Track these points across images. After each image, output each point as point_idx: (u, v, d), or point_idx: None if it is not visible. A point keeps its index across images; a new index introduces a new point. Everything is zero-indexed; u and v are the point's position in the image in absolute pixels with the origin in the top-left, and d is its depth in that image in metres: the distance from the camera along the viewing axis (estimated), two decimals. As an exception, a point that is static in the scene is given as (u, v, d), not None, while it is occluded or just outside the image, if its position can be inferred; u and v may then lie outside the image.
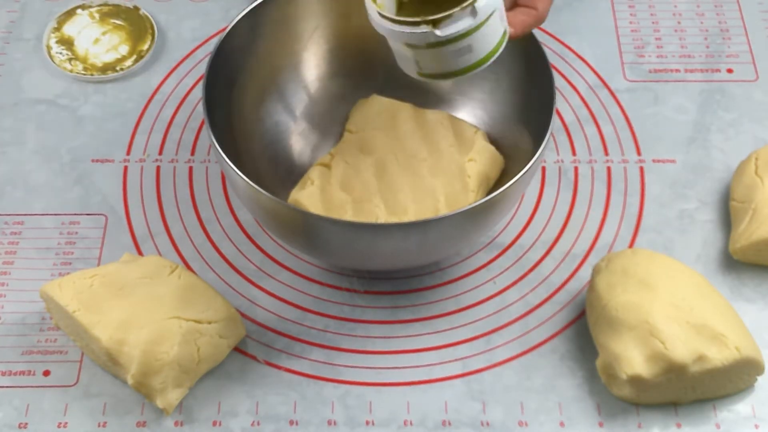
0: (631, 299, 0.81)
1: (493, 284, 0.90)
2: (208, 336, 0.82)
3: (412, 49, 0.76)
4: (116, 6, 1.08)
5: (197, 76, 1.04)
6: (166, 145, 0.99)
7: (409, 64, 0.79)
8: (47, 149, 0.99)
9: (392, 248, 0.81)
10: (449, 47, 0.75)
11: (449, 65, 0.77)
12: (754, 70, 1.04)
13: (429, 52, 0.76)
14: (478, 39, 0.75)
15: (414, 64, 0.78)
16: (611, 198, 0.95)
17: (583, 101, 1.02)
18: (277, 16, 0.92)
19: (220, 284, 0.90)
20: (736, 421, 0.82)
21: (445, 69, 0.78)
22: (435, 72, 0.79)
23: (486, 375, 0.85)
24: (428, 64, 0.78)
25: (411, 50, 0.77)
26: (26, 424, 0.82)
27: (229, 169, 0.80)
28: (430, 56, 0.77)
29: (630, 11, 1.09)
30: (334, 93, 0.98)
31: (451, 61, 0.77)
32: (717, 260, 0.91)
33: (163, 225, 0.93)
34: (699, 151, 0.98)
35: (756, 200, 0.89)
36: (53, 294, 0.82)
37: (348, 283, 0.90)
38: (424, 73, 0.79)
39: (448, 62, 0.77)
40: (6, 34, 1.07)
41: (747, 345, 0.80)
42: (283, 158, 0.95)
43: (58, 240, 0.92)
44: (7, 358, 0.85)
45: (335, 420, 0.83)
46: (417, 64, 0.78)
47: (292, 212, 0.81)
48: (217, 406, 0.83)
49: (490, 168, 0.92)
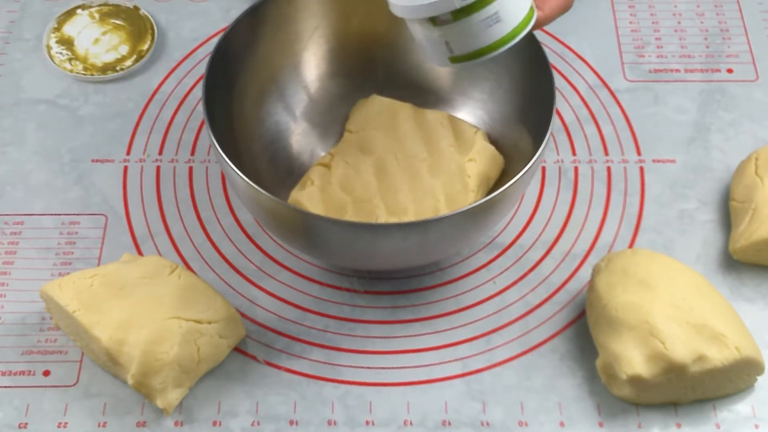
0: (631, 299, 0.81)
1: (493, 284, 0.90)
2: (208, 336, 0.82)
3: (439, 28, 0.76)
4: (116, 6, 1.08)
5: (197, 76, 1.04)
6: (166, 145, 0.99)
7: (438, 50, 0.78)
8: (47, 149, 0.99)
9: (392, 248, 0.81)
10: (477, 16, 0.74)
11: (479, 39, 0.76)
12: (754, 70, 1.04)
13: (456, 26, 0.75)
14: (504, 5, 0.75)
15: (443, 46, 0.77)
16: (611, 198, 0.95)
17: (583, 101, 1.02)
18: (277, 16, 0.92)
19: (220, 284, 0.90)
20: (736, 421, 0.82)
21: (477, 45, 0.77)
22: (466, 52, 0.77)
23: (486, 375, 0.85)
24: (458, 42, 0.76)
25: (438, 29, 0.76)
26: (26, 424, 0.82)
27: (229, 169, 0.80)
28: (458, 31, 0.76)
29: (630, 11, 1.09)
30: (334, 93, 0.98)
31: (481, 35, 0.76)
32: (717, 260, 0.91)
33: (163, 225, 0.93)
34: (699, 151, 0.98)
35: (756, 200, 0.89)
36: (53, 294, 0.82)
37: (348, 283, 0.90)
38: (455, 56, 0.78)
39: (478, 36, 0.76)
40: (6, 34, 1.07)
41: (747, 345, 0.80)
42: (283, 158, 0.95)
43: (58, 240, 0.92)
44: (7, 358, 0.85)
45: (335, 420, 0.83)
46: (447, 45, 0.77)
47: (292, 212, 0.81)
48: (217, 406, 0.83)
49: (490, 168, 0.92)
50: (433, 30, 0.76)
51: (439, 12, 0.74)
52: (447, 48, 0.77)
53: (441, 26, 0.76)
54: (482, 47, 0.77)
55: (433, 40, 0.77)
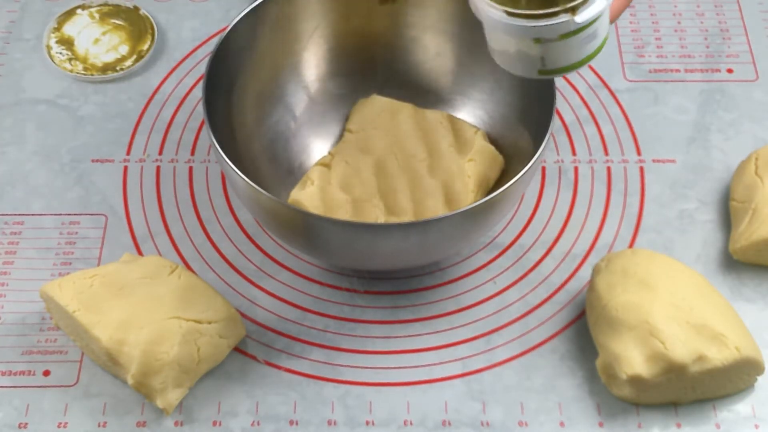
0: (631, 299, 0.81)
1: (493, 284, 0.90)
2: (208, 336, 0.82)
3: (540, 45, 0.74)
4: (116, 6, 1.08)
5: (197, 76, 1.04)
6: (166, 145, 0.99)
7: (529, 64, 0.76)
8: (47, 149, 0.99)
9: (392, 248, 0.81)
10: (581, 34, 0.73)
11: (576, 55, 0.75)
12: (754, 70, 1.04)
13: (559, 44, 0.74)
14: (602, 22, 0.74)
15: (537, 62, 0.76)
16: (611, 198, 0.95)
17: (583, 101, 1.02)
18: (277, 16, 0.92)
19: (220, 284, 0.90)
20: (736, 421, 0.82)
21: (571, 60, 0.76)
22: (559, 66, 0.76)
23: (486, 375, 0.85)
24: (555, 58, 0.75)
25: (539, 46, 0.74)
26: (26, 424, 0.82)
27: (229, 169, 0.80)
28: (559, 49, 0.74)
29: (630, 11, 1.09)
30: (334, 93, 0.98)
31: (578, 51, 0.75)
32: (717, 260, 0.91)
33: (163, 225, 0.93)
34: (699, 151, 0.98)
35: (756, 200, 0.89)
36: (53, 294, 0.82)
37: (348, 283, 0.90)
38: (546, 69, 0.76)
39: (576, 52, 0.75)
40: (6, 34, 1.07)
41: (747, 345, 0.80)
42: (283, 158, 0.95)
43: (58, 240, 0.92)
44: (7, 358, 0.85)
45: (335, 420, 0.83)
46: (541, 61, 0.75)
47: (292, 212, 0.81)
48: (217, 406, 0.83)
49: (490, 168, 0.92)
50: (534, 47, 0.74)
51: (548, 35, 0.73)
52: (540, 62, 0.76)
53: (544, 44, 0.74)
54: (576, 62, 0.76)
55: (529, 55, 0.76)
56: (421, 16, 0.95)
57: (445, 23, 0.95)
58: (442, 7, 0.94)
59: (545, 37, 0.73)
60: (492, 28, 0.75)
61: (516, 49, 0.76)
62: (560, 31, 0.73)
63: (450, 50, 0.96)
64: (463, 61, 0.96)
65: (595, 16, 0.73)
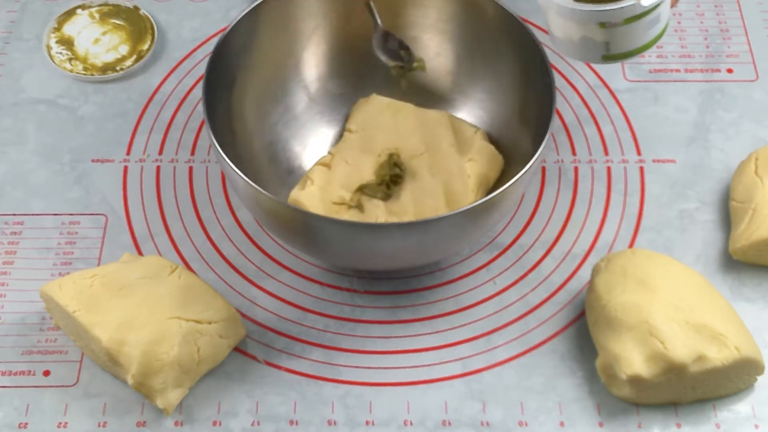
0: (631, 299, 0.81)
1: (493, 284, 0.90)
2: (208, 336, 0.82)
3: (605, 30, 0.75)
4: (116, 6, 1.08)
5: (197, 76, 1.04)
6: (166, 145, 0.99)
7: (594, 50, 0.78)
8: (47, 149, 0.99)
9: (392, 248, 0.81)
10: (646, 18, 0.74)
11: (640, 39, 0.76)
12: (754, 70, 1.04)
13: (624, 29, 0.75)
14: (665, 6, 0.75)
15: (602, 47, 0.77)
16: (611, 198, 0.95)
17: (583, 101, 1.02)
18: (277, 16, 0.92)
19: (220, 284, 0.90)
20: (736, 421, 0.82)
21: (635, 45, 0.77)
22: (622, 51, 0.77)
23: (486, 375, 0.85)
24: (619, 43, 0.77)
25: (604, 31, 0.75)
26: (26, 424, 0.82)
27: (229, 169, 0.80)
28: (623, 33, 0.76)
29: (630, 11, 1.09)
30: (334, 93, 0.98)
31: (642, 35, 0.76)
32: (717, 260, 0.91)
33: (163, 225, 0.93)
34: (699, 151, 0.98)
35: (756, 200, 0.89)
36: (53, 294, 0.82)
37: (348, 283, 0.90)
38: (610, 54, 0.78)
39: (640, 36, 0.76)
40: (6, 34, 1.07)
41: (747, 345, 0.80)
42: (283, 158, 0.95)
43: (58, 240, 0.92)
44: (7, 358, 0.85)
45: (335, 420, 0.83)
46: (606, 46, 0.77)
47: (292, 212, 0.81)
48: (217, 406, 0.83)
49: (490, 168, 0.92)
50: (599, 32, 0.76)
51: (613, 19, 0.74)
52: (605, 48, 0.77)
53: (609, 29, 0.75)
54: (639, 46, 0.77)
55: (593, 40, 0.77)
56: (421, 16, 0.95)
57: (445, 23, 0.95)
58: (442, 7, 0.94)
59: (611, 21, 0.74)
60: (558, 15, 0.76)
61: (581, 35, 0.77)
62: (626, 15, 0.74)
63: (450, 50, 0.96)
64: (463, 61, 0.96)
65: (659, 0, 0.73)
